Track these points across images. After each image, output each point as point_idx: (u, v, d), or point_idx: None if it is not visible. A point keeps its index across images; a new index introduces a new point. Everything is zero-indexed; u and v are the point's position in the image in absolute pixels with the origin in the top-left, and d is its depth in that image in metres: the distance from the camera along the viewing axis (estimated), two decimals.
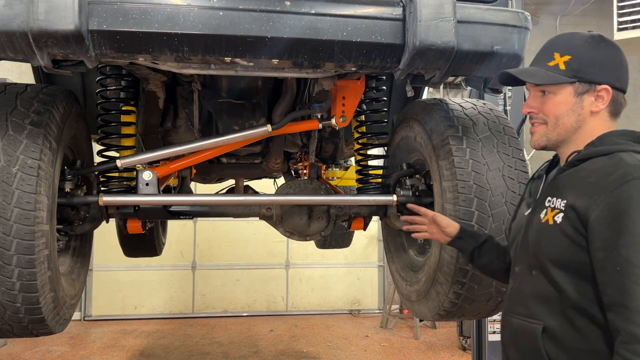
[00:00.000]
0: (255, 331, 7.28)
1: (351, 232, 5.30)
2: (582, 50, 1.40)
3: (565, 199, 1.33)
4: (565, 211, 1.32)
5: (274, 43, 1.69)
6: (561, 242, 1.32)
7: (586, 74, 1.39)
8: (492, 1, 1.94)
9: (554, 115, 1.42)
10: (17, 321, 1.84)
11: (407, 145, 2.53)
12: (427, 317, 2.41)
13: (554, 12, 8.90)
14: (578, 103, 1.40)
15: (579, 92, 1.40)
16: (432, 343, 6.77)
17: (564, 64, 1.40)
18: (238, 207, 2.59)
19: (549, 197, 1.40)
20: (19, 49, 1.60)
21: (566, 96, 1.41)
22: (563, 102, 1.41)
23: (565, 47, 1.42)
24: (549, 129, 1.44)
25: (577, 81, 1.39)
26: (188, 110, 2.70)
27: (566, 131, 1.42)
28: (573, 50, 1.41)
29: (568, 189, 1.35)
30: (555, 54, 1.42)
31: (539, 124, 1.46)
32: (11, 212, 1.73)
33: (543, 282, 1.37)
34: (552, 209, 1.36)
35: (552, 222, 1.35)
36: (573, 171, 1.38)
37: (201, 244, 8.20)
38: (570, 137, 1.43)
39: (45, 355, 6.05)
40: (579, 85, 1.39)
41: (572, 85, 1.40)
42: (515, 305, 1.46)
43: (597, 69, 1.40)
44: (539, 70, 1.43)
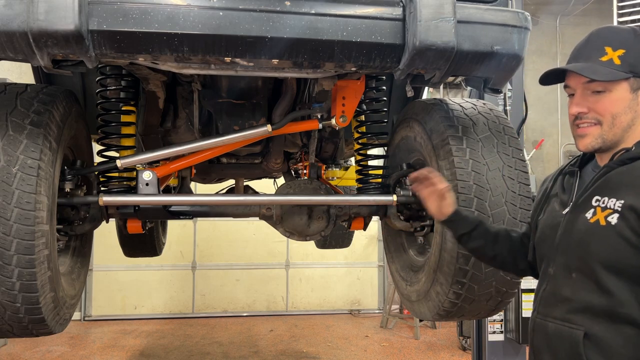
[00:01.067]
0: (255, 331, 7.28)
1: (351, 232, 5.30)
2: (634, 43, 1.33)
3: (622, 199, 1.25)
4: (623, 212, 1.24)
5: (274, 43, 1.69)
6: (617, 244, 1.24)
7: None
8: (492, 1, 1.94)
9: (610, 114, 1.33)
10: (17, 321, 1.84)
11: (407, 145, 2.53)
12: (427, 317, 2.41)
13: (554, 12, 8.91)
14: (634, 99, 1.33)
15: (634, 88, 1.33)
16: (432, 343, 6.77)
17: (619, 59, 1.32)
18: (238, 207, 2.59)
19: (596, 197, 1.31)
20: (19, 49, 1.60)
21: (623, 93, 1.33)
22: (620, 100, 1.32)
23: (616, 40, 1.34)
24: (604, 130, 1.34)
25: (632, 76, 1.32)
26: (188, 110, 2.70)
27: (622, 130, 1.34)
28: (625, 44, 1.33)
29: (624, 188, 1.26)
30: (606, 48, 1.34)
31: (591, 124, 1.36)
32: (11, 212, 1.73)
33: (587, 285, 1.30)
34: (602, 209, 1.28)
35: (605, 223, 1.27)
36: (626, 169, 1.30)
37: (201, 244, 8.20)
38: (624, 136, 1.35)
39: (45, 355, 6.05)
40: (634, 80, 1.32)
41: (627, 81, 1.32)
42: (550, 308, 1.39)
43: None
44: (594, 65, 1.33)
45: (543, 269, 1.48)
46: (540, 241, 1.52)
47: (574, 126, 1.40)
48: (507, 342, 4.28)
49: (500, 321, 4.28)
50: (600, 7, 8.37)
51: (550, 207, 1.51)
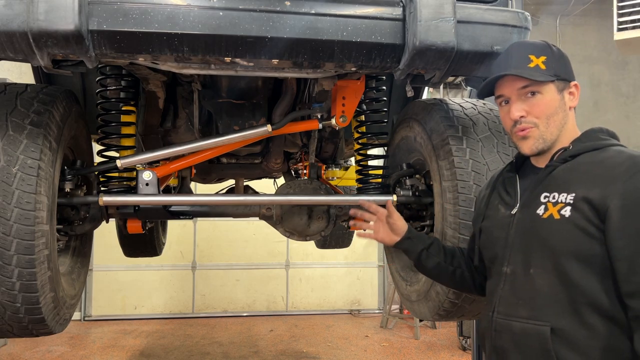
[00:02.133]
0: (255, 331, 7.28)
1: (351, 232, 5.29)
2: (550, 51, 1.47)
3: (574, 192, 1.33)
4: (575, 204, 1.32)
5: (274, 43, 1.69)
6: (574, 235, 1.31)
7: (560, 71, 1.45)
8: (492, 1, 1.94)
9: (545, 115, 1.44)
10: (17, 321, 1.84)
11: (407, 145, 2.53)
12: (427, 317, 2.41)
13: (554, 12, 8.91)
14: (562, 100, 1.45)
15: (560, 89, 1.45)
16: (432, 343, 6.77)
17: (543, 64, 1.44)
18: (238, 207, 2.59)
19: (544, 194, 1.39)
20: (19, 49, 1.60)
21: (553, 94, 1.44)
22: (552, 100, 1.44)
23: (536, 50, 1.47)
24: (542, 130, 1.45)
25: (556, 79, 1.44)
26: (188, 110, 2.70)
27: (557, 129, 1.45)
28: (544, 52, 1.47)
29: (572, 183, 1.35)
30: (530, 56, 1.46)
31: (530, 127, 1.45)
32: (11, 212, 1.73)
33: (549, 280, 1.35)
34: (553, 204, 1.36)
35: (559, 217, 1.34)
36: (570, 166, 1.39)
37: (201, 244, 8.20)
38: (560, 135, 1.46)
39: (45, 355, 6.06)
40: (558, 83, 1.45)
41: (553, 83, 1.44)
42: (513, 307, 1.42)
43: (566, 67, 1.48)
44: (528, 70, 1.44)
45: (496, 269, 1.52)
46: (488, 243, 1.57)
47: (514, 132, 1.49)
48: None
49: None
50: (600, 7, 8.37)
51: (493, 212, 1.58)
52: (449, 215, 2.11)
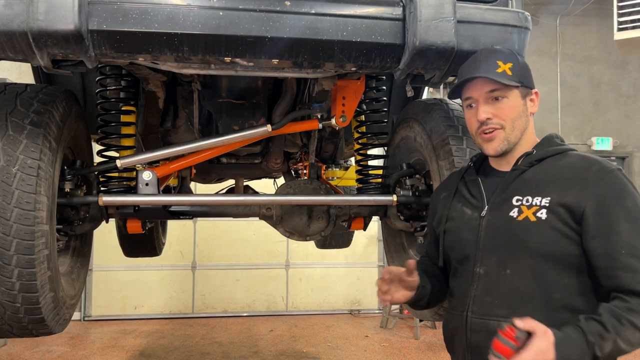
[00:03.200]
0: (255, 331, 7.29)
1: (351, 232, 5.30)
2: (515, 58, 1.54)
3: (549, 196, 1.40)
4: (551, 207, 1.39)
5: (274, 43, 1.69)
6: (552, 236, 1.38)
7: (525, 78, 1.53)
8: (492, 1, 1.94)
9: (510, 118, 1.50)
10: (17, 321, 1.84)
11: (407, 145, 2.53)
12: (427, 317, 2.42)
13: (554, 12, 8.91)
14: (524, 105, 1.53)
15: (523, 95, 1.53)
16: (432, 343, 6.78)
17: (510, 70, 1.51)
18: (238, 207, 2.59)
19: (516, 197, 1.45)
20: (19, 49, 1.60)
21: (517, 99, 1.52)
22: (516, 105, 1.51)
23: (503, 56, 1.54)
24: (507, 133, 1.51)
25: (521, 85, 1.51)
26: (188, 110, 2.70)
27: (520, 132, 1.52)
28: (510, 58, 1.53)
29: (545, 186, 1.42)
30: (498, 62, 1.52)
31: (496, 129, 1.51)
32: (11, 212, 1.73)
33: (525, 280, 1.40)
34: (528, 206, 1.42)
35: (535, 219, 1.40)
36: (538, 170, 1.47)
37: (201, 244, 8.20)
38: (521, 139, 1.53)
39: (45, 355, 6.06)
40: (522, 89, 1.52)
41: (518, 89, 1.51)
42: (488, 307, 1.46)
43: (528, 75, 1.55)
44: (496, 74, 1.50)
45: (465, 269, 1.54)
46: (455, 245, 1.59)
47: (479, 134, 1.55)
48: None
49: None
50: (600, 7, 8.38)
51: (457, 213, 1.60)
52: None
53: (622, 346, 1.26)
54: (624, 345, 1.26)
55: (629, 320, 1.25)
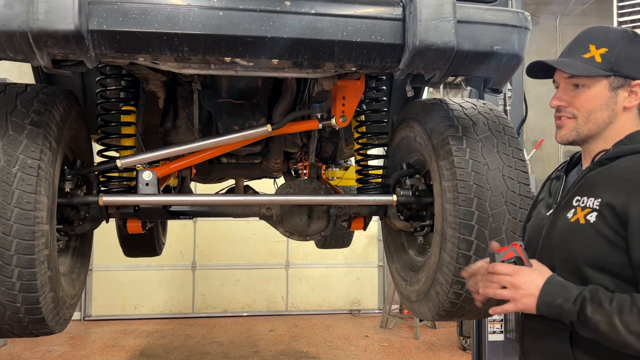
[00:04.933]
0: (255, 331, 7.28)
1: (351, 232, 5.29)
2: (618, 43, 1.37)
3: (600, 198, 1.28)
4: (601, 210, 1.27)
5: (274, 43, 1.69)
6: (596, 242, 1.27)
7: (622, 67, 1.35)
8: (492, 1, 1.94)
9: (586, 109, 1.38)
10: (17, 321, 1.84)
11: (407, 145, 2.53)
12: (427, 317, 2.41)
13: (554, 12, 8.91)
14: (612, 98, 1.37)
15: (613, 87, 1.37)
16: (432, 343, 6.77)
17: (600, 57, 1.36)
18: (238, 207, 2.59)
19: (577, 197, 1.35)
20: (19, 49, 1.60)
21: (601, 90, 1.37)
22: (597, 96, 1.37)
23: (601, 39, 1.38)
24: (579, 124, 1.39)
25: (612, 75, 1.35)
26: (188, 110, 2.70)
27: (598, 126, 1.38)
28: (609, 43, 1.37)
29: (601, 187, 1.30)
30: (590, 45, 1.38)
31: (567, 118, 1.40)
32: (11, 212, 1.73)
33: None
34: (582, 208, 1.32)
35: (584, 222, 1.30)
36: (604, 169, 1.34)
37: (201, 244, 8.20)
38: (601, 133, 1.39)
39: (45, 355, 6.05)
40: (614, 79, 1.36)
41: (607, 79, 1.36)
42: None
43: (633, 63, 1.36)
44: (575, 61, 1.38)
45: None
46: (528, 244, 1.54)
47: (556, 118, 1.45)
48: (507, 342, 4.28)
49: (500, 321, 4.28)
50: (600, 7, 8.37)
51: (537, 211, 1.55)
52: (449, 215, 2.11)
53: (619, 327, 1.16)
54: (622, 328, 1.16)
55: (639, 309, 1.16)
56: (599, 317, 1.19)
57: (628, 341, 1.16)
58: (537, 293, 1.27)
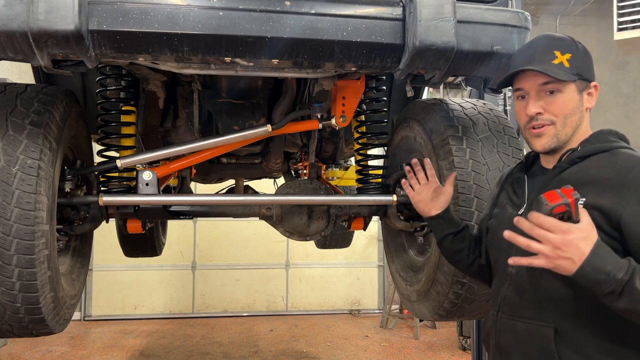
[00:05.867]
0: (255, 331, 7.28)
1: (351, 232, 5.30)
2: (576, 49, 1.43)
3: (584, 197, 1.28)
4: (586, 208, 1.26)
5: (274, 43, 1.69)
6: None
7: (583, 71, 1.41)
8: (492, 1, 1.94)
9: (563, 114, 1.40)
10: (17, 321, 1.84)
11: (407, 145, 2.53)
12: (427, 317, 2.41)
13: (554, 12, 8.90)
14: (580, 100, 1.42)
15: (580, 90, 1.41)
16: (432, 343, 6.77)
17: (568, 62, 1.39)
18: (238, 207, 2.59)
19: None
20: (19, 49, 1.60)
21: (572, 94, 1.40)
22: (570, 100, 1.40)
23: (563, 46, 1.42)
24: (558, 129, 1.41)
25: (578, 79, 1.40)
26: (188, 110, 2.70)
27: (572, 130, 1.42)
28: (571, 49, 1.42)
29: (581, 187, 1.29)
30: (556, 52, 1.41)
31: (546, 125, 1.42)
32: (11, 212, 1.73)
33: (554, 282, 1.33)
34: None
35: None
36: (579, 168, 1.37)
37: (201, 244, 8.20)
38: (573, 135, 1.43)
39: (45, 355, 6.06)
40: (579, 82, 1.41)
41: (574, 83, 1.40)
42: (516, 308, 1.42)
43: (588, 67, 1.43)
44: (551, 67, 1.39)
45: (500, 269, 1.52)
46: (494, 242, 1.55)
47: (528, 129, 1.45)
48: None
49: None
50: (600, 7, 8.37)
51: (501, 211, 1.56)
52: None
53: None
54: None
55: None
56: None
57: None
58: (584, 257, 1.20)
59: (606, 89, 9.12)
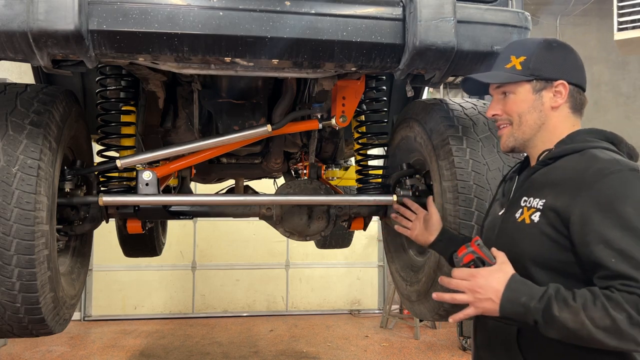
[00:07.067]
0: (255, 331, 7.29)
1: (351, 232, 5.30)
2: (536, 50, 1.47)
3: (544, 199, 1.34)
4: (544, 211, 1.33)
5: (274, 43, 1.69)
6: (540, 241, 1.32)
7: (542, 71, 1.45)
8: (492, 1, 1.94)
9: (517, 113, 1.47)
10: (17, 321, 1.84)
11: (407, 145, 2.53)
12: (427, 318, 2.41)
13: (554, 12, 8.90)
14: (538, 100, 1.45)
15: (537, 89, 1.46)
16: (432, 343, 6.77)
17: (520, 64, 1.47)
18: (238, 207, 2.59)
19: (524, 197, 1.41)
20: (19, 49, 1.60)
21: (525, 94, 1.46)
22: (523, 100, 1.46)
23: (520, 49, 1.49)
24: (514, 129, 1.48)
25: (534, 79, 1.45)
26: (188, 110, 2.70)
27: (530, 129, 1.47)
28: (527, 51, 1.48)
29: (544, 188, 1.36)
30: (511, 56, 1.49)
31: (505, 125, 1.50)
32: (11, 212, 1.73)
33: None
34: (528, 208, 1.37)
35: (529, 221, 1.35)
36: (547, 170, 1.41)
37: (201, 244, 8.20)
38: (536, 135, 1.47)
39: (45, 355, 6.06)
40: (536, 82, 1.45)
41: (529, 83, 1.46)
42: None
43: (551, 67, 1.46)
44: (498, 72, 1.50)
45: None
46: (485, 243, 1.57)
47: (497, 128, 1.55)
48: None
49: None
50: (600, 7, 8.37)
51: (492, 210, 1.62)
52: (449, 215, 2.11)
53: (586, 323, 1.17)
54: (589, 323, 1.17)
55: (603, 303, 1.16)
56: (567, 315, 1.19)
57: (597, 337, 1.17)
58: (500, 294, 1.28)
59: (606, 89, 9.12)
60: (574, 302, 1.19)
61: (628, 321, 1.14)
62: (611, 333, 1.16)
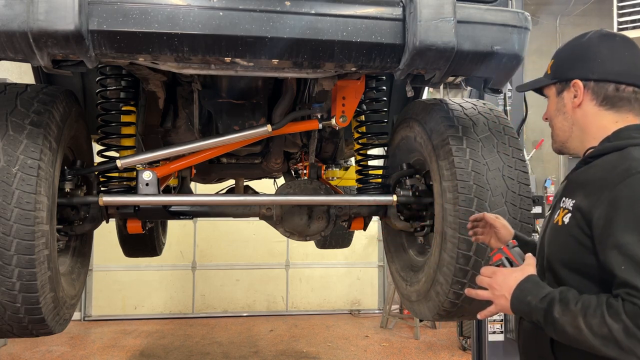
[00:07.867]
0: (255, 331, 7.28)
1: (351, 232, 5.30)
2: (561, 51, 1.48)
3: (575, 199, 1.30)
4: (573, 212, 1.29)
5: (274, 43, 1.69)
6: (568, 243, 1.29)
7: (561, 72, 1.45)
8: (492, 1, 1.94)
9: (551, 117, 1.49)
10: (17, 321, 1.84)
11: (407, 145, 2.53)
12: (427, 317, 2.41)
13: (554, 12, 8.90)
14: (560, 102, 1.45)
15: (559, 91, 1.46)
16: (432, 343, 6.77)
17: (550, 68, 1.48)
18: (238, 207, 2.59)
19: (563, 198, 1.37)
20: (19, 49, 1.60)
21: (553, 98, 1.48)
22: (552, 104, 1.48)
23: (557, 52, 1.50)
24: (553, 133, 1.50)
25: (557, 81, 1.45)
26: (188, 110, 2.70)
27: (562, 131, 1.46)
28: (557, 54, 1.49)
29: (578, 188, 1.32)
30: (551, 60, 1.50)
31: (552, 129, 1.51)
32: (11, 212, 1.73)
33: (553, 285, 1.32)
34: (563, 209, 1.34)
35: (561, 223, 1.32)
36: (584, 169, 1.36)
37: (201, 244, 8.19)
38: (571, 136, 1.44)
39: (45, 355, 6.05)
40: (558, 85, 1.46)
41: (554, 86, 1.47)
42: None
43: (568, 66, 1.44)
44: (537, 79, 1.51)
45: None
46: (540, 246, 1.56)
47: None
48: (507, 342, 4.28)
49: (501, 321, 4.28)
50: (600, 7, 8.36)
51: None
52: (449, 215, 2.11)
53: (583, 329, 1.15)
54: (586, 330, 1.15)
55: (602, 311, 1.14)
56: (566, 319, 1.18)
57: (593, 344, 1.15)
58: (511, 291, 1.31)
59: None
60: (575, 306, 1.17)
61: (624, 332, 1.11)
62: (609, 342, 1.13)
